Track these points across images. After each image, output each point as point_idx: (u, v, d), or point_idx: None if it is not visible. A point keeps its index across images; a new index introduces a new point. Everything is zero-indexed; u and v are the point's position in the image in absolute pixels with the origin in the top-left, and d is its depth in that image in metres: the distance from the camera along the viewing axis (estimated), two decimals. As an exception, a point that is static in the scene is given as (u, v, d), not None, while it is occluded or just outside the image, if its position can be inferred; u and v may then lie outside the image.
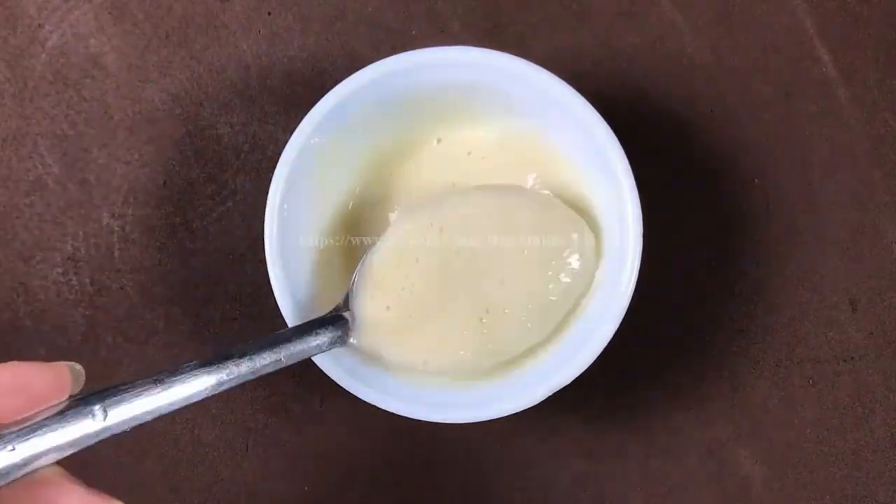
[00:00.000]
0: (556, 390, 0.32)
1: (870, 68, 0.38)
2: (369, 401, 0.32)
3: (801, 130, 0.38)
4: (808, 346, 0.38)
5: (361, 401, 0.32)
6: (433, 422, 0.32)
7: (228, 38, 0.37)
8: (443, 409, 0.32)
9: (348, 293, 0.32)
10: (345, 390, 0.32)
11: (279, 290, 0.32)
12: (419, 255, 0.32)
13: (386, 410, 0.32)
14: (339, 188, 0.35)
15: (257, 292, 0.37)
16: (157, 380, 0.25)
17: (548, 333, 0.33)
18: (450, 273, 0.32)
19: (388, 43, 0.37)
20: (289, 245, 0.32)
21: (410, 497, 0.37)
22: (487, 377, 0.34)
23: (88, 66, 0.37)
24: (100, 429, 0.24)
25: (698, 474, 0.37)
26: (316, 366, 0.32)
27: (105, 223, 0.37)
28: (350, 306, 0.32)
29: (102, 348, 0.37)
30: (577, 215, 0.33)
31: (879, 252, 0.38)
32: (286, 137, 0.32)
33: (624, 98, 0.38)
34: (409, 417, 0.32)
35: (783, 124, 0.38)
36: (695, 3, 0.38)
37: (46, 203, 0.37)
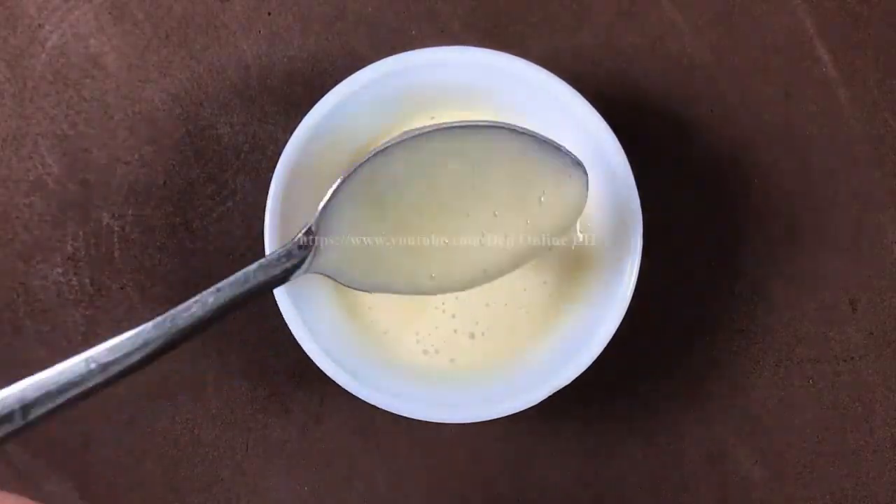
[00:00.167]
0: (556, 390, 0.32)
1: (870, 68, 0.38)
2: (369, 401, 0.32)
3: (801, 130, 0.38)
4: (808, 346, 0.38)
5: (361, 401, 0.32)
6: (433, 422, 0.32)
7: (228, 38, 0.37)
8: (443, 409, 0.32)
9: (318, 215, 0.30)
10: (345, 390, 0.32)
11: (279, 290, 0.32)
12: (398, 178, 0.31)
13: (386, 410, 0.32)
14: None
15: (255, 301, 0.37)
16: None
17: (527, 259, 0.32)
18: (428, 196, 0.31)
19: (388, 43, 0.37)
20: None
21: (410, 497, 0.37)
22: (488, 377, 0.34)
23: (88, 66, 0.37)
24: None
25: (698, 474, 0.37)
26: (316, 366, 0.32)
27: (105, 223, 0.37)
28: (319, 227, 0.30)
29: (102, 348, 0.37)
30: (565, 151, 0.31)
31: (879, 252, 0.38)
32: (286, 137, 0.32)
33: (624, 98, 0.38)
34: (409, 417, 0.32)
35: (783, 124, 0.38)
36: (695, 3, 0.38)
37: (46, 203, 0.37)
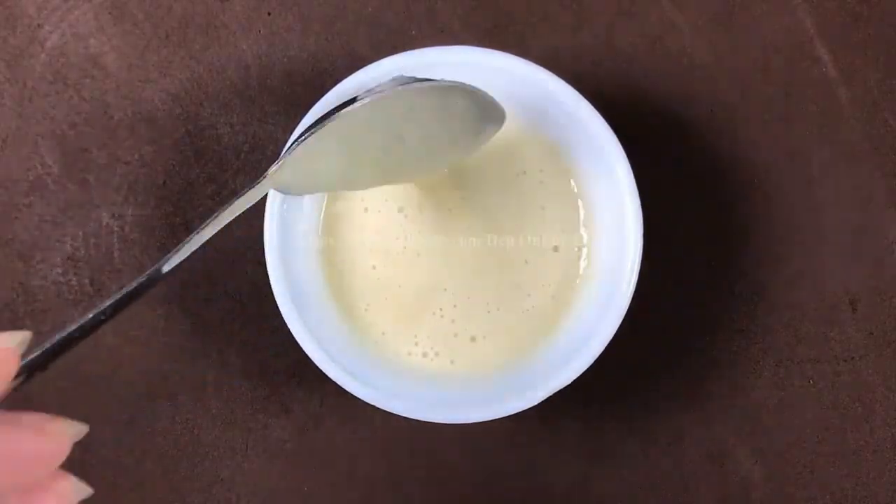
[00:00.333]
0: (556, 391, 0.32)
1: (870, 68, 0.38)
2: (369, 401, 0.32)
3: (801, 130, 0.38)
4: (808, 346, 0.38)
5: (361, 401, 0.32)
6: (433, 422, 0.32)
7: (228, 38, 0.37)
8: (443, 409, 0.32)
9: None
10: (345, 390, 0.32)
11: (279, 290, 0.32)
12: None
13: (386, 410, 0.32)
14: (339, 188, 0.35)
15: (257, 292, 0.37)
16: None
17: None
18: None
19: (388, 43, 0.37)
20: (289, 245, 0.32)
21: (410, 497, 0.37)
22: (488, 377, 0.34)
23: (88, 66, 0.37)
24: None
25: (698, 474, 0.37)
26: (316, 366, 0.32)
27: (105, 223, 0.37)
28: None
29: (102, 348, 0.37)
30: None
31: (879, 252, 0.38)
32: (286, 137, 0.32)
33: (624, 98, 0.38)
34: (409, 417, 0.32)
35: (783, 124, 0.38)
36: (695, 3, 0.38)
37: (46, 203, 0.37)
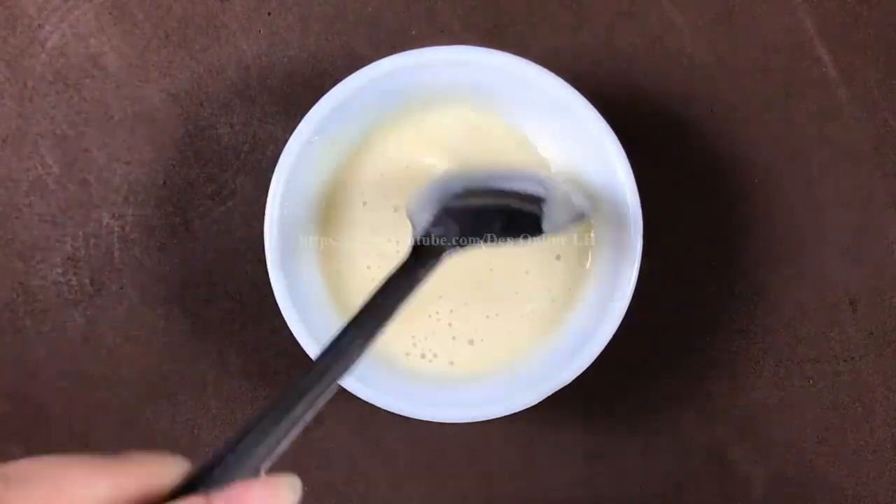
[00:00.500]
0: (556, 390, 0.32)
1: (870, 68, 0.38)
2: (369, 401, 0.32)
3: (801, 130, 0.38)
4: (808, 346, 0.38)
5: (361, 401, 0.32)
6: (433, 421, 0.32)
7: (228, 38, 0.37)
8: (443, 409, 0.32)
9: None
10: (345, 390, 0.32)
11: (279, 290, 0.32)
12: None
13: (386, 410, 0.32)
14: (339, 188, 0.35)
15: (257, 292, 0.37)
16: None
17: None
18: None
19: (388, 43, 0.37)
20: (289, 245, 0.32)
21: (410, 497, 0.37)
22: (488, 377, 0.34)
23: (88, 66, 0.37)
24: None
25: (698, 474, 0.37)
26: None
27: (105, 223, 0.37)
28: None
29: (102, 348, 0.37)
30: None
31: (879, 252, 0.38)
32: (286, 137, 0.32)
33: (624, 98, 0.37)
34: (409, 417, 0.32)
35: (783, 124, 0.38)
36: (695, 3, 0.38)
37: (46, 203, 0.37)
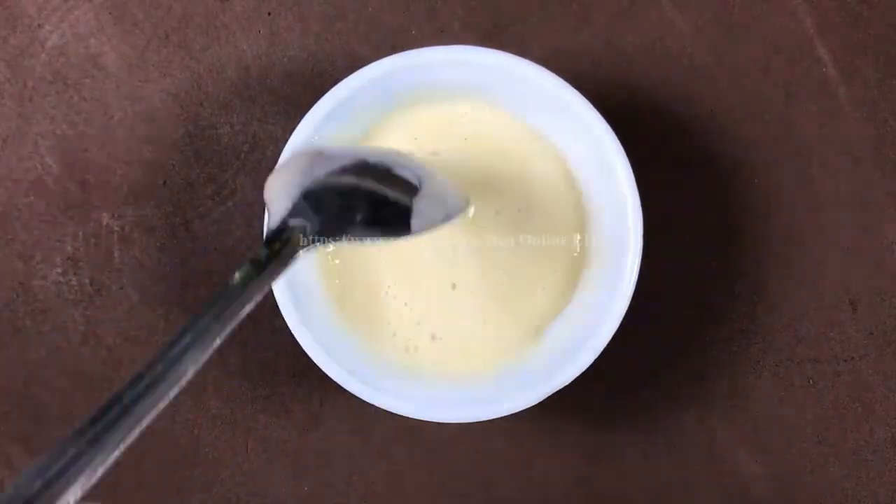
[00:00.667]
0: (556, 390, 0.32)
1: (870, 68, 0.38)
2: (369, 401, 0.32)
3: (801, 130, 0.38)
4: (808, 346, 0.38)
5: (361, 401, 0.32)
6: (433, 422, 0.32)
7: (228, 38, 0.37)
8: (443, 409, 0.32)
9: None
10: (345, 390, 0.32)
11: (279, 290, 0.32)
12: None
13: (386, 410, 0.32)
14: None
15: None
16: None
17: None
18: None
19: (388, 43, 0.37)
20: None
21: (410, 497, 0.37)
22: (488, 377, 0.34)
23: (88, 66, 0.37)
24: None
25: (698, 474, 0.37)
26: (316, 366, 0.32)
27: (105, 223, 0.37)
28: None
29: (102, 348, 0.37)
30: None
31: (879, 252, 0.38)
32: (286, 137, 0.32)
33: (624, 98, 0.38)
34: (409, 417, 0.32)
35: (783, 124, 0.38)
36: (695, 3, 0.38)
37: (46, 203, 0.37)
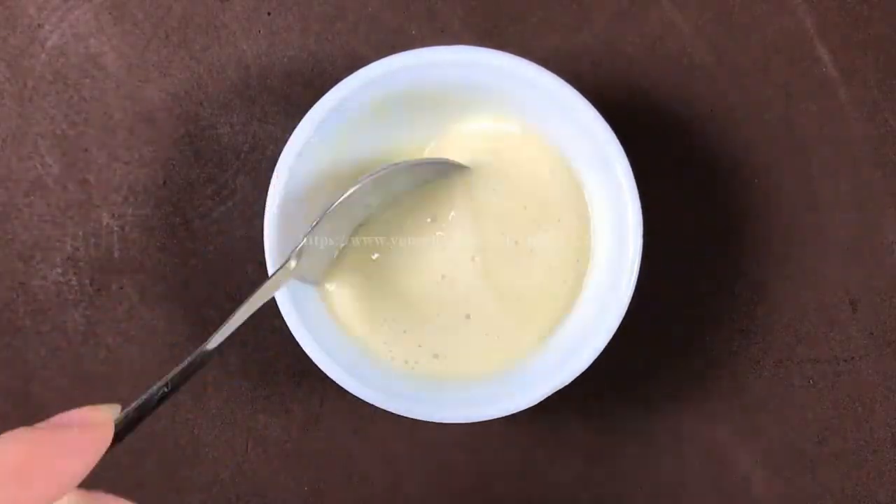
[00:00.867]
0: (556, 390, 0.32)
1: (870, 68, 0.38)
2: (369, 401, 0.32)
3: (801, 130, 0.38)
4: (808, 346, 0.38)
5: (361, 401, 0.32)
6: (433, 422, 0.32)
7: (228, 38, 0.37)
8: (443, 409, 0.32)
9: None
10: (344, 390, 0.32)
11: (279, 291, 0.32)
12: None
13: (386, 410, 0.32)
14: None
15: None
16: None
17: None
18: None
19: (388, 43, 0.37)
20: (289, 245, 0.32)
21: (410, 497, 0.37)
22: (488, 377, 0.34)
23: (88, 66, 0.37)
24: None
25: (698, 474, 0.37)
26: (316, 366, 0.32)
27: (105, 223, 0.37)
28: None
29: (102, 348, 0.37)
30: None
31: (879, 252, 0.38)
32: (286, 137, 0.32)
33: (624, 98, 0.38)
34: (409, 417, 0.32)
35: (783, 124, 0.38)
36: (695, 3, 0.38)
37: (46, 203, 0.37)
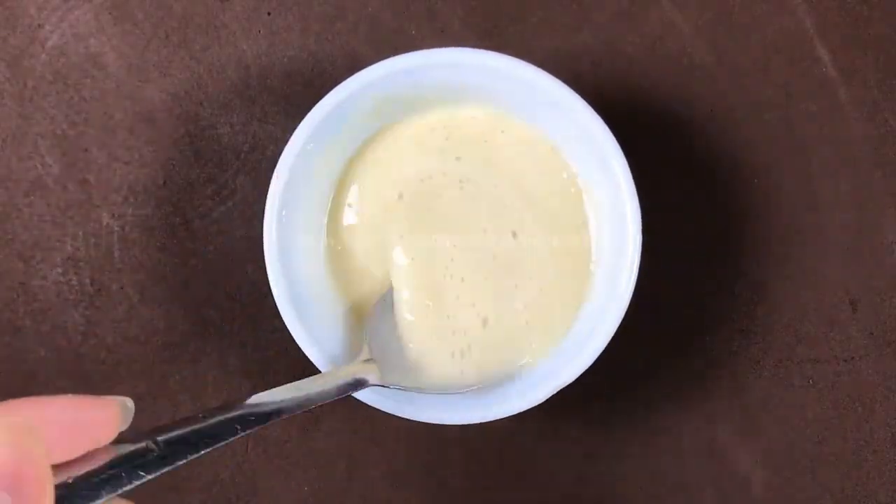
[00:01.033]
0: (556, 390, 0.32)
1: (870, 68, 0.38)
2: (369, 402, 0.32)
3: (801, 130, 0.38)
4: (808, 346, 0.38)
5: (361, 401, 0.32)
6: (433, 422, 0.32)
7: (228, 38, 0.37)
8: (443, 410, 0.32)
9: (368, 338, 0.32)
10: (345, 390, 0.32)
11: (278, 291, 0.32)
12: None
13: (386, 412, 0.32)
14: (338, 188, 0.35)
15: (257, 292, 0.37)
16: (203, 416, 0.25)
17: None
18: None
19: (388, 43, 0.37)
20: (288, 245, 0.32)
21: (410, 497, 0.37)
22: (488, 377, 0.34)
23: (88, 66, 0.37)
24: (160, 464, 0.24)
25: (698, 474, 0.37)
26: (316, 366, 0.32)
27: (105, 223, 0.37)
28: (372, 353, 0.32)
29: (102, 348, 0.37)
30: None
31: (879, 252, 0.38)
32: (286, 137, 0.32)
33: (624, 98, 0.37)
34: (410, 417, 0.32)
35: (783, 124, 0.38)
36: (695, 3, 0.38)
37: (46, 203, 0.37)
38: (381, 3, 0.37)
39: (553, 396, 0.32)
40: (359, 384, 0.30)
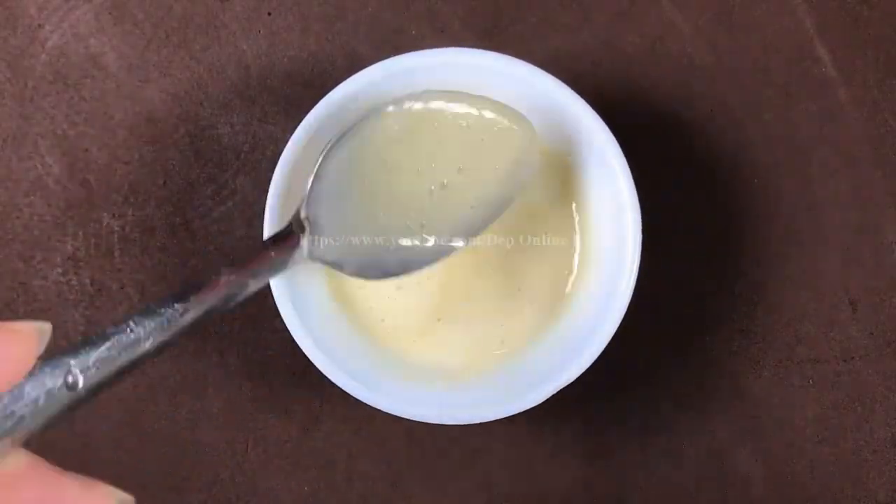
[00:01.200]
0: (556, 390, 0.32)
1: (870, 68, 0.38)
2: (369, 402, 0.32)
3: (801, 130, 0.38)
4: (808, 346, 0.38)
5: (361, 401, 0.32)
6: (433, 422, 0.32)
7: (228, 38, 0.37)
8: (443, 410, 0.32)
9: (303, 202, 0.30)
10: (344, 392, 0.32)
11: (278, 291, 0.32)
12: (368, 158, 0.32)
13: (385, 411, 0.32)
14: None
15: (257, 292, 0.37)
16: (127, 327, 0.23)
17: (488, 220, 0.32)
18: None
19: (388, 43, 0.37)
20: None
21: (410, 497, 0.37)
22: (488, 377, 0.34)
23: (88, 66, 0.37)
24: (80, 389, 0.21)
25: (698, 474, 0.37)
26: (316, 366, 0.32)
27: (105, 223, 0.37)
28: (307, 214, 0.30)
29: (102, 348, 0.37)
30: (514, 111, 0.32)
31: (879, 252, 0.38)
32: (286, 137, 0.32)
33: (624, 98, 0.38)
34: (410, 418, 0.32)
35: (783, 124, 0.38)
36: (695, 3, 0.38)
37: (46, 203, 0.37)
38: (381, 3, 0.37)
39: (553, 396, 0.32)
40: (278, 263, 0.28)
